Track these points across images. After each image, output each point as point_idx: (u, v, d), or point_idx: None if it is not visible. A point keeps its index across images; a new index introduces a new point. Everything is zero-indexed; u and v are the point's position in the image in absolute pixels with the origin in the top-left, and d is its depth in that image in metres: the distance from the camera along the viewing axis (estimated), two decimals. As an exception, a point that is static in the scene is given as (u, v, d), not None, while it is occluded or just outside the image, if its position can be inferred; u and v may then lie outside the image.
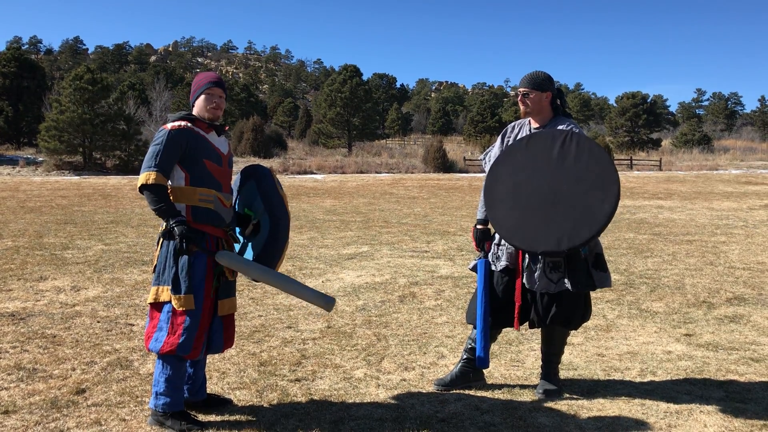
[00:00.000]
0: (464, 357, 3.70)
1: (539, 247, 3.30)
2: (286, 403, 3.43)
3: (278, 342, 4.50)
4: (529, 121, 3.68)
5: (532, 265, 3.45)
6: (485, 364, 3.54)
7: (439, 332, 4.78)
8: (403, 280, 6.60)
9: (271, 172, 3.43)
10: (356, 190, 20.18)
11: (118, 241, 8.94)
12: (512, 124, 3.81)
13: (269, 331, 4.75)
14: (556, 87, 3.65)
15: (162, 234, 3.09)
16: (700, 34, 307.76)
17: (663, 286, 6.33)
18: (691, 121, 65.88)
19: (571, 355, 4.21)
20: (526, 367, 4.02)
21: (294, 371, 3.91)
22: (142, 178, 3.05)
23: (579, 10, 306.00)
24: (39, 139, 30.37)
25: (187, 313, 3.05)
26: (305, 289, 3.20)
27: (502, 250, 3.58)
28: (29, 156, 33.42)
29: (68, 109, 29.11)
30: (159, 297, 3.08)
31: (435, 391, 3.62)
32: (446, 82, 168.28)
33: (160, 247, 3.14)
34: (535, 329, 4.36)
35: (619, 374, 3.91)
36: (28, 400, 3.40)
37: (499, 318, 3.56)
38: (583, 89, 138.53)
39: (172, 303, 3.04)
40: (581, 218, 3.24)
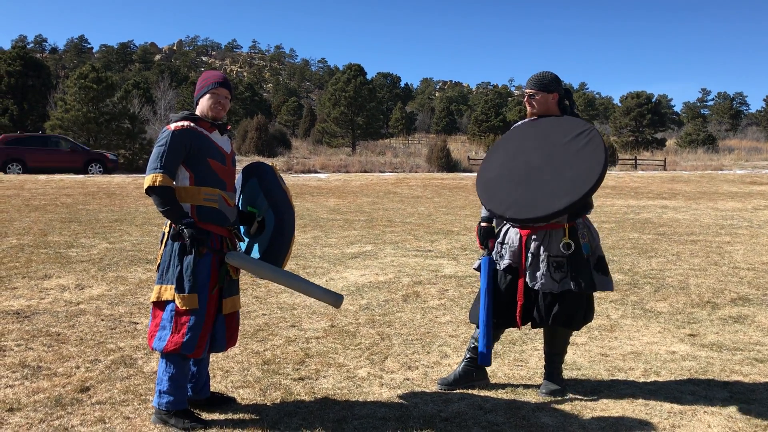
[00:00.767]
0: (467, 356, 3.70)
1: (497, 210, 3.44)
2: (289, 401, 3.44)
3: (282, 341, 4.51)
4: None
5: (536, 264, 3.45)
6: (488, 362, 3.54)
7: (442, 332, 4.78)
8: (406, 279, 6.60)
9: (273, 169, 3.43)
10: (360, 189, 20.18)
11: (122, 239, 8.96)
12: (517, 124, 3.81)
13: (273, 330, 4.76)
14: (564, 87, 3.65)
15: (171, 236, 3.09)
16: (705, 34, 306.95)
17: (667, 286, 6.31)
18: (696, 121, 65.61)
19: (575, 355, 4.21)
20: (530, 367, 4.01)
21: (297, 370, 3.92)
22: (149, 180, 3.05)
23: (584, 9, 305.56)
24: (44, 138, 30.46)
25: (191, 312, 3.05)
26: (315, 287, 3.24)
27: (506, 248, 3.58)
28: (34, 154, 33.41)
29: (73, 108, 29.24)
30: (162, 296, 3.09)
31: (438, 391, 3.62)
32: (450, 82, 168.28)
33: (164, 246, 3.15)
34: (538, 329, 4.37)
35: (623, 374, 3.90)
36: (33, 397, 3.42)
37: (501, 317, 3.56)
38: (587, 89, 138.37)
39: (176, 302, 3.05)
40: (541, 198, 3.32)
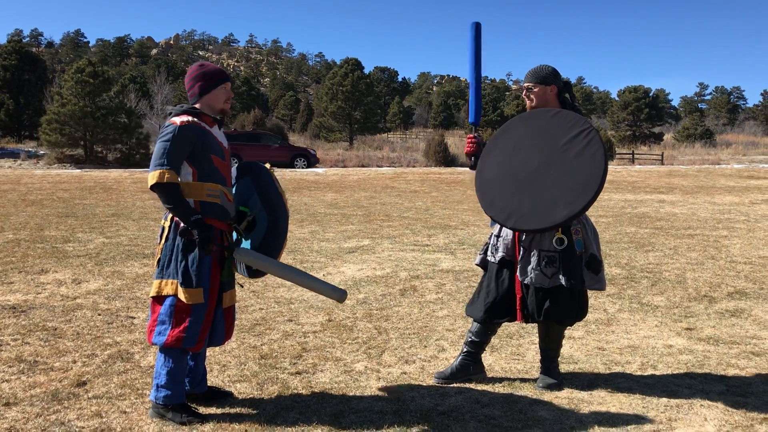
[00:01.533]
0: (464, 350, 3.70)
1: (498, 218, 3.41)
2: (286, 395, 3.44)
3: (279, 335, 4.51)
4: None
5: (527, 258, 3.45)
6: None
7: (439, 326, 4.78)
8: (404, 273, 6.60)
9: (268, 170, 3.41)
10: (357, 183, 20.16)
11: (119, 234, 8.95)
12: (514, 118, 3.80)
13: (270, 324, 4.76)
14: (564, 81, 3.63)
15: (180, 232, 3.04)
16: (703, 28, 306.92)
17: (664, 280, 6.32)
18: (694, 116, 65.75)
19: (572, 349, 4.22)
20: (527, 361, 4.02)
21: (295, 364, 3.92)
22: (155, 177, 2.98)
23: (581, 3, 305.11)
24: (40, 132, 30.34)
25: (194, 307, 3.04)
26: (320, 282, 3.25)
27: (500, 241, 3.57)
28: (30, 149, 33.37)
29: (69, 102, 29.09)
30: (162, 290, 3.07)
31: (435, 384, 3.63)
32: (448, 76, 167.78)
33: (165, 241, 3.11)
34: (533, 323, 4.36)
35: (620, 368, 3.91)
36: (29, 392, 3.41)
37: (498, 311, 3.56)
38: (585, 83, 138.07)
39: (181, 296, 3.02)
40: (541, 208, 3.27)
